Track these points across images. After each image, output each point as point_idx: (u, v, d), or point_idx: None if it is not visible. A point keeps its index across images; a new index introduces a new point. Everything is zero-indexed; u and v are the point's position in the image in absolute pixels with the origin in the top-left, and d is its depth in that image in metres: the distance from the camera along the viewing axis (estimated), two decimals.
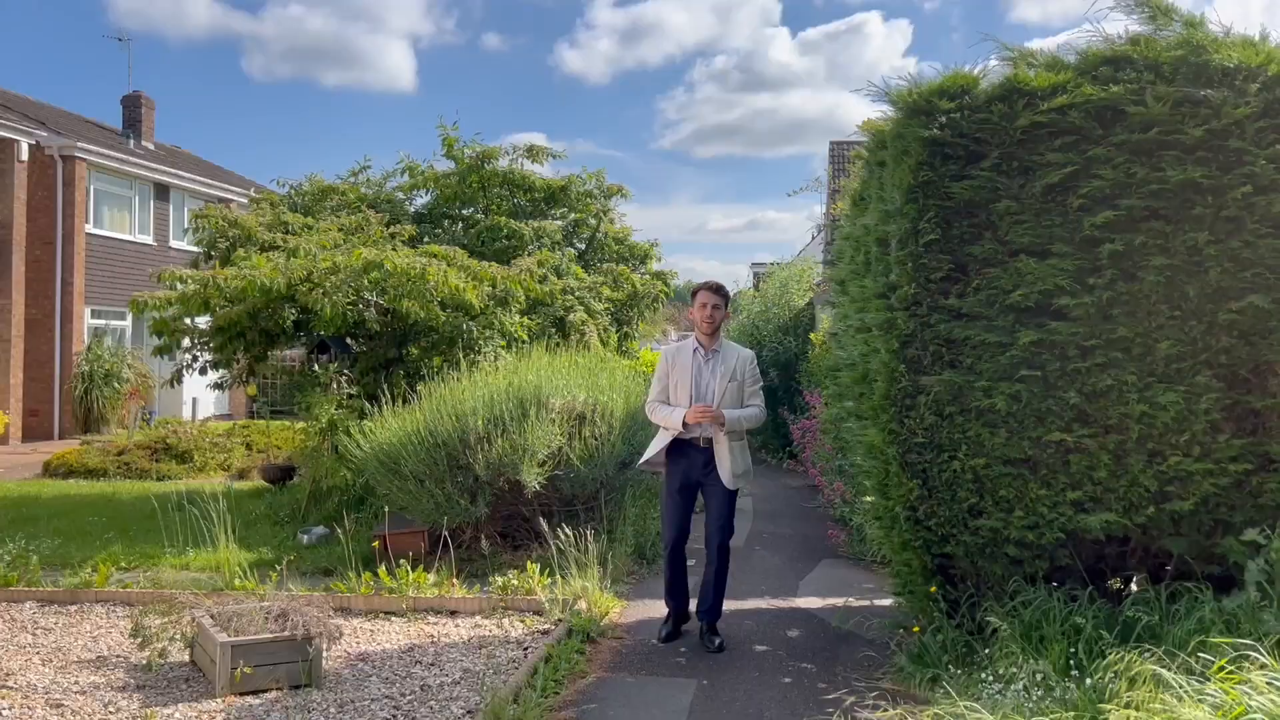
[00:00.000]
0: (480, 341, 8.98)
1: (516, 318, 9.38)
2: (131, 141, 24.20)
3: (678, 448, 5.68)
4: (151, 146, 25.14)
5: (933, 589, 5.08)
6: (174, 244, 23.44)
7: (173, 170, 23.25)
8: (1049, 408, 4.88)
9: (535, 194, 12.68)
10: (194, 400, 19.84)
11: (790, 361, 14.88)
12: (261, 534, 8.55)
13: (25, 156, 18.80)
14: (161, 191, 22.99)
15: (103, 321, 21.03)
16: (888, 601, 6.48)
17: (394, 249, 9.17)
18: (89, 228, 20.38)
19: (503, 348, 9.21)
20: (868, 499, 6.23)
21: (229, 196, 25.17)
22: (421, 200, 13.10)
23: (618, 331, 12.31)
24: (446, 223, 12.59)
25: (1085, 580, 4.97)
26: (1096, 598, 4.78)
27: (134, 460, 13.43)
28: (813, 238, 39.05)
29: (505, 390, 7.51)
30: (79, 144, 19.83)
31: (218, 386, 10.79)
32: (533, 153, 12.74)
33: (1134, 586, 5.39)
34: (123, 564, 7.43)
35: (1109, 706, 3.24)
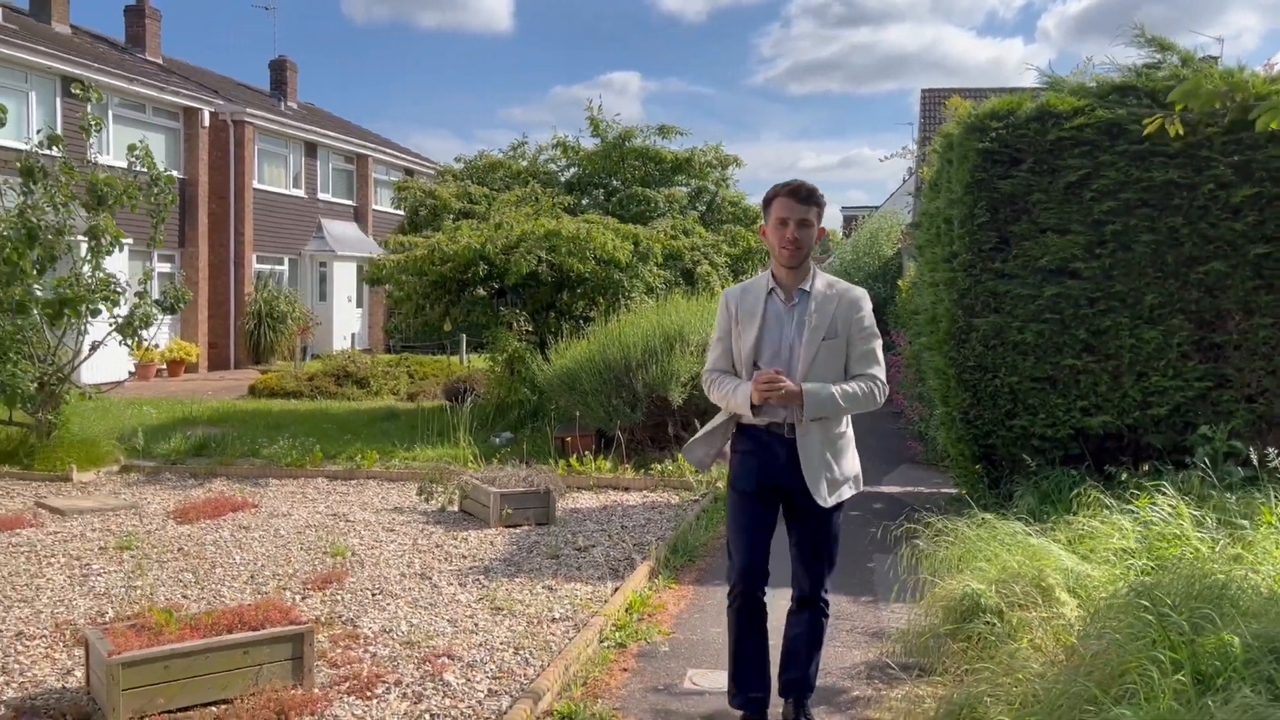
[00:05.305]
0: (628, 289, 11.24)
1: (655, 270, 11.63)
2: (281, 103, 26.91)
3: (747, 433, 3.72)
4: (296, 107, 27.84)
5: (977, 468, 7.19)
6: (321, 196, 26.22)
7: (319, 129, 25.93)
8: (1065, 341, 6.88)
9: (664, 165, 14.89)
10: (353, 335, 22.68)
11: (879, 305, 16.87)
12: (460, 437, 11.00)
13: (206, 123, 21.60)
14: (310, 149, 25.71)
15: (266, 267, 23.95)
16: (951, 490, 8.57)
17: (558, 217, 11.47)
18: (255, 184, 23.19)
19: (645, 294, 11.46)
20: (938, 411, 8.29)
21: (364, 152, 27.84)
22: (571, 171, 15.48)
23: (735, 281, 14.55)
24: (592, 190, 14.93)
25: (1091, 465, 7.00)
26: (1095, 473, 6.81)
27: (322, 385, 16.11)
28: (904, 180, 40.41)
29: (655, 328, 9.73)
30: (247, 110, 22.56)
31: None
32: (663, 131, 15.04)
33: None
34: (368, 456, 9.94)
35: (1073, 517, 5.34)
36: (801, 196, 3.61)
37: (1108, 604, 4.02)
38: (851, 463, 3.79)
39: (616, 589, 5.53)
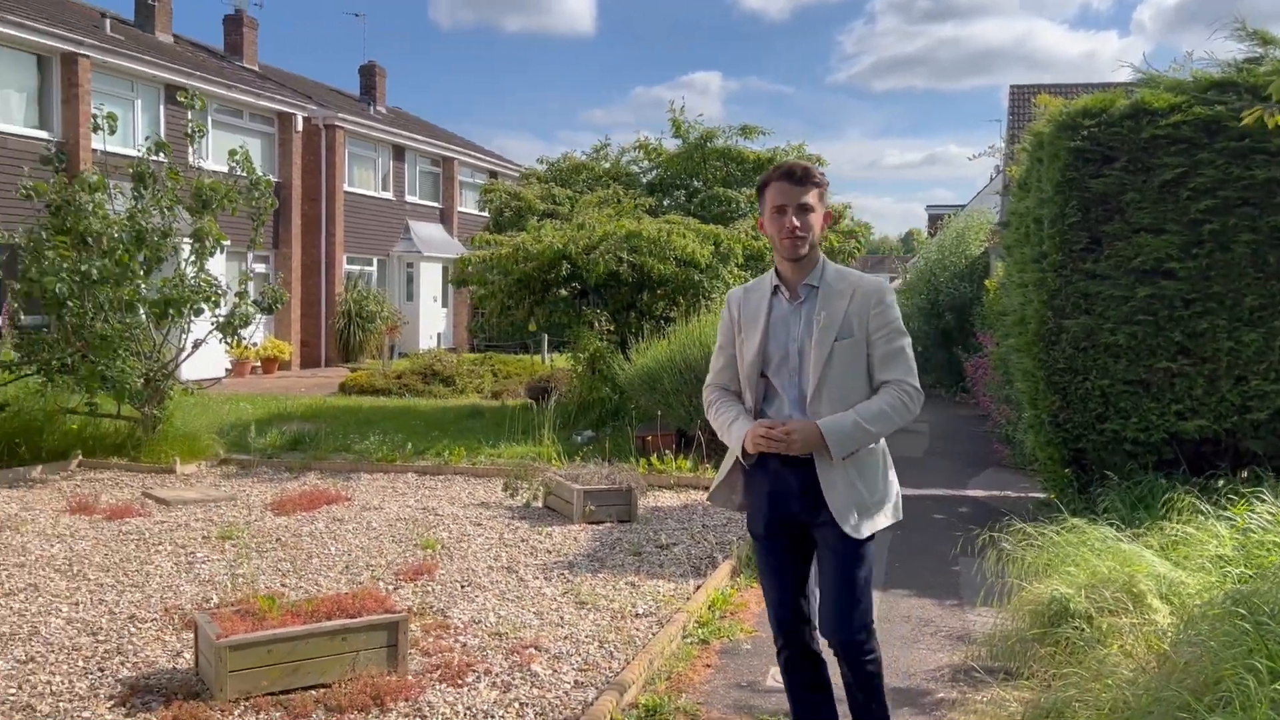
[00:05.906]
0: (708, 289, 11.32)
1: (735, 270, 11.68)
2: (370, 108, 27.59)
3: (757, 461, 3.15)
4: (384, 111, 28.50)
5: (1066, 472, 7.06)
6: (408, 199, 26.80)
7: (406, 133, 26.51)
8: (1159, 344, 6.71)
9: (746, 165, 14.95)
10: (438, 334, 23.16)
11: (965, 305, 16.60)
12: (544, 435, 11.17)
13: (300, 128, 22.27)
14: (398, 152, 26.31)
15: (356, 267, 24.59)
16: (1039, 495, 8.43)
17: (639, 219, 11.60)
18: (345, 186, 23.82)
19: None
20: (1026, 414, 8.16)
21: (450, 154, 28.36)
22: (653, 173, 15.63)
23: None
24: (673, 191, 15.06)
25: (1187, 471, 6.81)
26: (1190, 478, 6.63)
27: (410, 383, 16.49)
28: (991, 178, 39.58)
29: None
30: (339, 115, 23.20)
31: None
32: (745, 131, 15.10)
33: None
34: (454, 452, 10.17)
35: (1166, 523, 5.22)
36: (797, 178, 3.12)
37: (1202, 611, 3.94)
38: (886, 482, 3.18)
39: (699, 586, 5.60)
